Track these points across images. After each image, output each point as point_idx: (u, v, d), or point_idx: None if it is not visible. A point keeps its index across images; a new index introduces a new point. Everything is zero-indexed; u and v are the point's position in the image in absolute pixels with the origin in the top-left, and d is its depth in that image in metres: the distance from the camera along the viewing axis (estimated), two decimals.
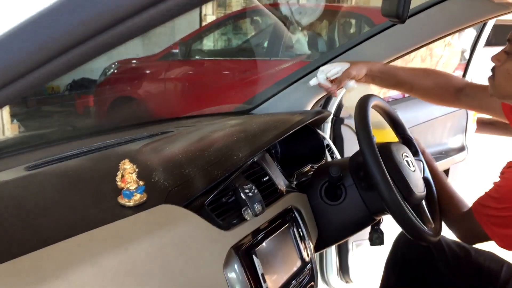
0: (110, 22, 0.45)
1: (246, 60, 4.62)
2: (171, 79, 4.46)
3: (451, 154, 2.40)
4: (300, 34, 4.92)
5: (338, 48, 1.69)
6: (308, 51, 4.66)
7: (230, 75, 4.35)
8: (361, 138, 1.18)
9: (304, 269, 1.18)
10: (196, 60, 4.69)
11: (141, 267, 0.83)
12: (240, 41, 5.64)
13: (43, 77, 0.49)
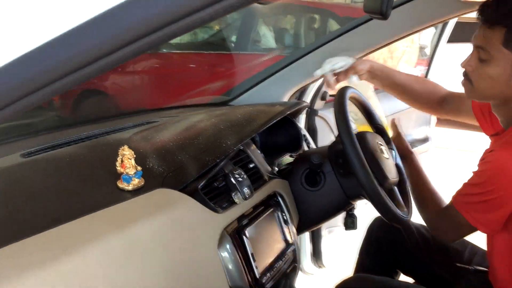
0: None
1: (214, 54, 4.65)
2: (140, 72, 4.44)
3: (416, 144, 2.52)
4: (266, 29, 4.99)
5: (313, 44, 1.76)
6: (275, 46, 4.74)
7: (198, 68, 4.37)
8: (341, 128, 1.26)
9: (287, 251, 1.26)
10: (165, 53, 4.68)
11: (144, 245, 0.88)
12: (207, 34, 5.66)
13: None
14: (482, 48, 1.13)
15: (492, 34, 1.10)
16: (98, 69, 0.49)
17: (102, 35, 0.51)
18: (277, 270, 1.19)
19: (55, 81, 0.51)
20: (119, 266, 0.82)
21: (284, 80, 1.78)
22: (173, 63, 4.56)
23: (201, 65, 4.39)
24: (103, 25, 0.50)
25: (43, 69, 0.51)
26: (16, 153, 1.10)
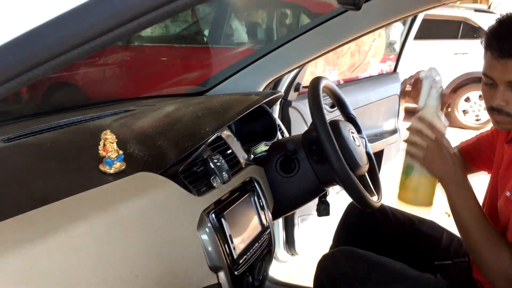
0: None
1: (186, 47, 4.66)
2: (113, 64, 4.41)
3: (385, 136, 2.60)
4: (239, 23, 5.02)
5: (286, 36, 1.81)
6: (247, 40, 4.78)
7: (171, 60, 4.38)
8: (315, 116, 1.31)
9: (264, 234, 1.31)
10: (137, 46, 4.66)
11: (126, 225, 0.91)
12: (179, 28, 5.65)
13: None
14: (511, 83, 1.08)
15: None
16: (58, 65, 0.51)
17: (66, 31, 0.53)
18: (253, 252, 1.23)
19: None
20: (102, 243, 0.85)
21: (258, 71, 1.83)
22: (145, 55, 4.55)
23: (174, 57, 4.40)
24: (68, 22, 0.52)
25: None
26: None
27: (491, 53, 1.08)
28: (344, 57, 3.47)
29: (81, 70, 4.61)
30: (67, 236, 0.81)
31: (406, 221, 1.57)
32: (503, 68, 1.07)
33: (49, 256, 0.77)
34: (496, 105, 1.12)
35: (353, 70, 3.62)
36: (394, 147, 2.68)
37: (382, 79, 2.83)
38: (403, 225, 1.55)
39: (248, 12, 5.34)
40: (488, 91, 1.15)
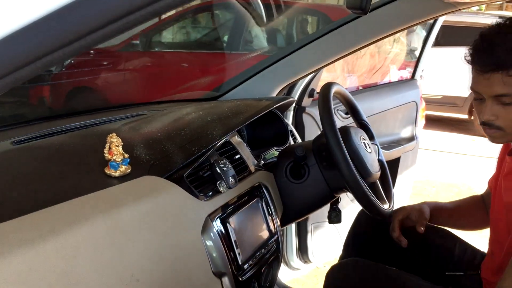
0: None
1: (205, 53, 4.69)
2: (131, 70, 4.46)
3: (402, 143, 2.57)
4: (259, 29, 5.03)
5: (300, 41, 1.80)
6: (267, 47, 4.78)
7: (190, 67, 4.41)
8: (325, 121, 1.30)
9: (271, 240, 1.29)
10: (157, 52, 4.71)
11: (128, 229, 0.91)
12: (199, 34, 5.69)
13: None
14: (505, 95, 1.08)
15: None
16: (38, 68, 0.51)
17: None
18: (259, 258, 1.22)
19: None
20: (104, 247, 0.85)
21: (272, 77, 1.82)
22: (162, 61, 4.58)
23: (193, 63, 4.42)
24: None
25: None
26: (7, 141, 1.13)
27: (475, 68, 1.09)
28: (363, 58, 3.42)
29: (101, 75, 4.68)
30: (66, 239, 0.81)
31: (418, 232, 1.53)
32: (487, 82, 1.08)
33: (47, 259, 0.77)
34: (486, 120, 1.13)
35: (374, 73, 3.57)
36: (411, 155, 2.64)
37: (399, 85, 2.80)
38: (415, 233, 1.51)
39: (268, 18, 5.34)
40: (478, 106, 1.15)
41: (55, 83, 5.07)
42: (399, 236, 1.43)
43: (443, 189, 4.25)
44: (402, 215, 1.45)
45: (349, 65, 3.34)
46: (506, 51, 1.04)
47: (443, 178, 4.55)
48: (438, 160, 5.16)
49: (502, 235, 1.25)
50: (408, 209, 1.47)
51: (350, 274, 1.36)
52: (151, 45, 4.61)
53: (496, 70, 1.05)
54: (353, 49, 1.73)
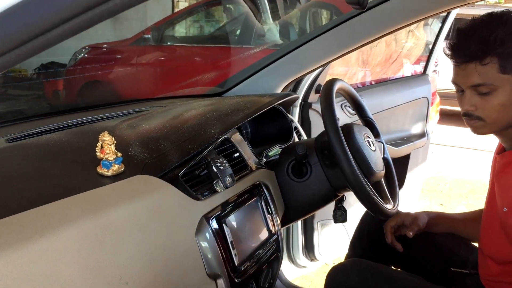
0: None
1: (217, 47, 4.66)
2: (143, 64, 4.46)
3: (412, 140, 2.52)
4: (271, 23, 4.99)
5: (306, 36, 1.77)
6: (280, 40, 4.73)
7: (201, 61, 4.39)
8: (326, 119, 1.27)
9: (270, 240, 1.27)
10: (168, 46, 4.70)
11: (119, 230, 0.89)
12: (212, 28, 5.67)
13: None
14: (480, 85, 1.11)
15: (486, 69, 1.08)
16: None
17: None
18: (257, 259, 1.20)
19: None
20: (92, 249, 0.83)
21: (277, 72, 1.79)
22: (172, 56, 4.57)
23: (204, 58, 4.41)
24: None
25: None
26: (1, 138, 1.12)
27: (452, 61, 1.14)
28: (378, 46, 3.33)
29: (114, 70, 4.69)
30: (53, 241, 0.79)
31: (423, 231, 1.50)
32: (463, 73, 1.12)
33: (32, 261, 0.75)
34: (465, 110, 1.16)
35: (391, 63, 3.48)
36: (422, 152, 2.59)
37: (410, 81, 2.74)
38: (421, 235, 1.48)
39: (280, 12, 5.30)
40: (459, 98, 1.19)
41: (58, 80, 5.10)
42: (392, 242, 1.45)
43: (456, 186, 4.18)
44: (395, 221, 1.45)
45: (364, 54, 3.26)
46: (478, 43, 1.08)
47: (457, 174, 4.47)
48: (453, 156, 5.08)
49: (494, 234, 1.23)
50: (402, 216, 1.46)
51: (351, 275, 1.33)
52: (161, 39, 4.60)
53: (470, 61, 1.09)
54: (360, 44, 1.68)
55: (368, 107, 1.59)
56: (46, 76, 5.87)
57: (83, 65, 4.94)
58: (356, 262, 1.39)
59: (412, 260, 1.49)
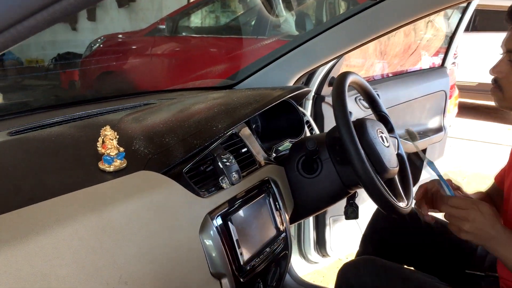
0: None
1: (231, 38, 4.62)
2: (157, 55, 4.44)
3: (429, 134, 2.46)
4: (288, 13, 4.92)
5: (319, 27, 1.71)
6: (295, 32, 4.67)
7: (215, 52, 4.35)
8: (337, 114, 1.22)
9: (278, 238, 1.23)
10: (182, 37, 4.67)
11: (119, 228, 0.86)
12: (227, 19, 5.62)
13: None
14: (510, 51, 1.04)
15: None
16: None
17: None
18: (264, 257, 1.16)
19: None
20: (90, 248, 0.81)
21: (289, 64, 1.74)
22: (190, 46, 4.54)
23: (218, 48, 4.37)
24: None
25: None
26: (4, 131, 1.10)
27: (509, 22, 1.05)
28: (396, 36, 3.24)
29: (128, 60, 4.68)
30: (49, 239, 0.76)
31: (438, 227, 1.45)
32: (508, 37, 1.04)
33: (27, 261, 0.73)
34: (492, 73, 1.09)
35: (410, 54, 3.39)
36: (438, 146, 2.52)
37: (427, 74, 2.67)
38: (434, 233, 1.43)
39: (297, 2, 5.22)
40: (503, 63, 1.10)
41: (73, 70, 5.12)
42: (425, 214, 1.26)
43: (474, 180, 4.09)
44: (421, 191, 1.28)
45: (382, 44, 3.17)
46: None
47: (476, 168, 4.38)
48: (471, 150, 4.98)
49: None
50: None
51: (362, 273, 1.29)
52: (176, 30, 4.57)
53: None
54: (375, 36, 1.63)
55: (384, 101, 1.54)
56: (61, 67, 5.89)
57: (98, 55, 4.95)
58: (369, 259, 1.35)
59: (426, 259, 1.44)
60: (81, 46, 5.52)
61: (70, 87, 5.33)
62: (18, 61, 6.64)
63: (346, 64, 2.57)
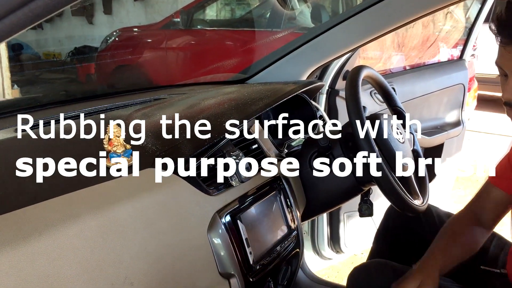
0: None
1: (246, 31, 4.58)
2: (171, 48, 4.43)
3: (447, 128, 2.40)
4: (303, 5, 4.86)
5: (333, 20, 1.67)
6: (311, 24, 4.61)
7: (230, 45, 4.32)
8: (351, 109, 1.19)
9: (289, 236, 1.21)
10: (196, 30, 4.65)
11: (125, 226, 0.85)
12: (242, 11, 5.59)
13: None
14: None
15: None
16: None
17: None
18: (275, 256, 1.14)
19: None
20: (94, 248, 0.79)
21: (303, 58, 1.71)
22: (204, 39, 4.52)
23: (233, 41, 4.34)
24: None
25: None
26: (11, 128, 1.09)
27: (497, 39, 0.96)
28: (414, 28, 3.16)
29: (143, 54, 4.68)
30: (52, 239, 0.75)
31: None
32: (509, 55, 0.94)
33: (30, 261, 0.72)
34: (506, 99, 0.99)
35: (428, 47, 3.32)
36: (456, 141, 2.47)
37: (445, 66, 2.60)
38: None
39: None
40: (502, 83, 1.01)
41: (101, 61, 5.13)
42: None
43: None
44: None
45: (399, 36, 3.11)
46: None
47: (495, 162, 4.29)
48: (490, 143, 4.89)
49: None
50: None
51: (374, 277, 1.26)
52: (190, 23, 4.56)
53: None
54: (390, 28, 1.58)
55: (400, 94, 1.50)
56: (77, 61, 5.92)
57: (113, 49, 4.96)
58: (380, 263, 1.32)
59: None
60: (97, 40, 5.54)
61: (87, 80, 5.37)
62: (36, 56, 6.70)
63: (363, 56, 2.52)
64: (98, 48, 5.37)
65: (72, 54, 6.47)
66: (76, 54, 6.37)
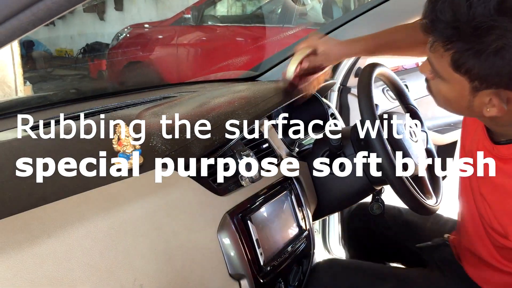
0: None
1: (257, 27, 4.56)
2: (182, 45, 4.43)
3: (460, 126, 2.35)
4: (315, 0, 4.83)
5: (344, 16, 1.66)
6: (322, 19, 4.58)
7: (241, 41, 4.31)
8: (363, 107, 1.17)
9: (300, 236, 1.19)
10: (207, 26, 4.63)
11: (135, 227, 0.84)
12: (253, 7, 5.56)
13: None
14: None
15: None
16: None
17: None
18: (286, 257, 1.13)
19: None
20: (104, 249, 0.78)
21: None
22: (215, 36, 4.51)
23: (244, 38, 4.32)
24: None
25: None
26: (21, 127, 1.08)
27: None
28: None
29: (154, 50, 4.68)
30: (61, 241, 0.74)
31: (395, 212, 1.50)
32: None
33: (38, 264, 0.71)
34: (422, 72, 1.06)
35: None
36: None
37: None
38: (394, 218, 1.49)
39: None
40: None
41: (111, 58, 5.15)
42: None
43: None
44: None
45: None
46: None
47: None
48: None
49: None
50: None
51: (323, 277, 1.27)
52: (201, 19, 4.54)
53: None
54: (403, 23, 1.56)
55: (413, 90, 1.47)
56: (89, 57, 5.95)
57: (124, 45, 4.97)
58: (330, 261, 1.43)
59: (395, 244, 1.48)
60: (109, 36, 5.56)
61: (98, 76, 5.39)
62: (48, 53, 6.73)
63: None
64: (109, 44, 5.39)
65: (84, 50, 6.50)
66: (88, 51, 6.39)
